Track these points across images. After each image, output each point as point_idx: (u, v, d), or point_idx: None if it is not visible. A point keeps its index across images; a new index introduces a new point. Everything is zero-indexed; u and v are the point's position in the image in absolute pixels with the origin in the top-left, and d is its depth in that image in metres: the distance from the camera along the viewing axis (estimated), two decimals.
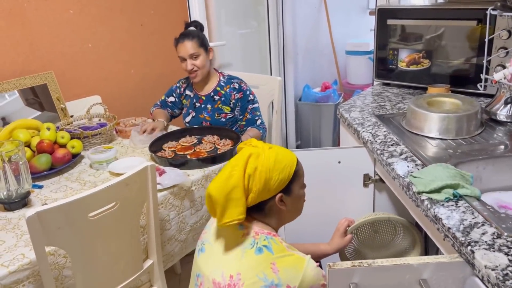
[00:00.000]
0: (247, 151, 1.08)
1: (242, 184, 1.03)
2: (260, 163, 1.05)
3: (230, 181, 1.03)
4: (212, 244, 1.12)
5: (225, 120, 2.11)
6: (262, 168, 1.04)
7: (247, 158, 1.06)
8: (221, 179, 1.05)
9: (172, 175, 1.55)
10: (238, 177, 1.03)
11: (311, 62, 3.64)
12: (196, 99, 2.15)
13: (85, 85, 2.22)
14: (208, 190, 1.05)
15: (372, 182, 1.59)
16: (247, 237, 1.06)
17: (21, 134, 1.69)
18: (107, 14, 2.25)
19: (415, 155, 1.33)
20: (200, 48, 2.01)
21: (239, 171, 1.04)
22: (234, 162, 1.07)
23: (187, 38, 2.00)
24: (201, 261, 1.13)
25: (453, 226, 0.97)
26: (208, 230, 1.18)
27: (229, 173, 1.05)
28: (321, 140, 3.50)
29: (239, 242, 1.06)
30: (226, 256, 1.07)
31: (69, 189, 1.55)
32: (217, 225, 1.06)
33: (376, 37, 2.02)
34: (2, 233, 1.28)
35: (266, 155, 1.06)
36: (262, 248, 1.03)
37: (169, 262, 1.62)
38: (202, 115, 2.13)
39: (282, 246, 1.05)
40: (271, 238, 1.06)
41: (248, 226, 1.09)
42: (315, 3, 3.54)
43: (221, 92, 2.10)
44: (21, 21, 1.94)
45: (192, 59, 2.01)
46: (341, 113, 1.81)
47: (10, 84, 1.87)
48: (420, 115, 1.48)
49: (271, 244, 1.04)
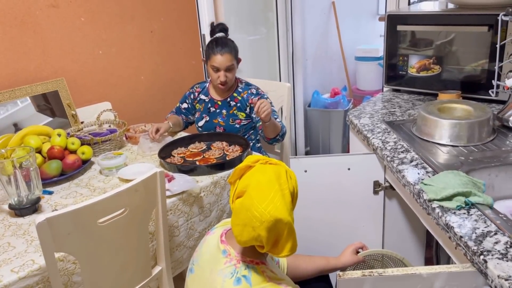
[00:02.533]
0: (281, 168, 0.99)
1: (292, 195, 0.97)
2: (292, 180, 0.99)
3: (289, 205, 0.94)
4: (200, 267, 1.09)
5: (239, 127, 2.09)
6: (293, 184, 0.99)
7: (282, 174, 0.98)
8: (285, 202, 0.92)
9: (181, 181, 1.55)
10: (288, 200, 0.95)
11: (321, 68, 3.64)
12: (212, 103, 2.14)
13: (96, 92, 2.24)
14: (279, 216, 0.89)
15: (382, 189, 1.57)
16: (228, 265, 1.00)
17: (32, 140, 1.71)
18: (117, 21, 2.27)
19: (425, 162, 1.32)
20: (234, 60, 2.03)
21: (287, 191, 0.95)
22: (275, 181, 0.95)
23: (227, 49, 1.98)
24: (190, 282, 1.11)
25: (465, 234, 0.96)
26: (199, 249, 1.14)
27: (282, 196, 0.93)
28: (330, 147, 3.49)
29: (221, 269, 1.01)
30: (209, 283, 1.02)
31: (79, 195, 1.56)
32: (280, 256, 0.95)
33: (386, 43, 2.01)
34: (12, 239, 1.29)
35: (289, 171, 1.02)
36: (240, 279, 0.97)
37: (178, 269, 1.62)
38: (216, 120, 2.12)
39: (263, 276, 0.98)
40: (253, 267, 0.99)
41: (231, 252, 1.02)
42: (324, 9, 3.55)
43: (238, 98, 2.09)
44: (33, 28, 1.97)
45: (227, 71, 2.00)
46: (351, 120, 1.80)
47: (22, 91, 1.90)
48: (431, 121, 1.46)
49: (250, 274, 0.98)
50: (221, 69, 1.99)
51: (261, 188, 0.93)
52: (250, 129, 2.14)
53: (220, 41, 2.02)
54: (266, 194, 0.92)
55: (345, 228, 1.55)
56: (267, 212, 0.89)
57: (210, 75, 2.04)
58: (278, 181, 0.95)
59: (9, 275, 1.12)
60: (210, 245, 1.09)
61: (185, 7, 2.56)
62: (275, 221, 0.89)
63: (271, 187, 0.93)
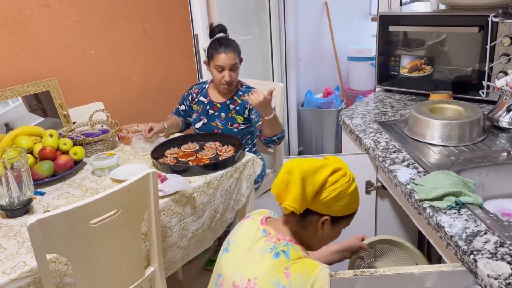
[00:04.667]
0: (337, 163, 1.08)
1: (320, 186, 1.03)
2: (342, 181, 1.04)
3: (315, 176, 1.02)
4: (237, 245, 1.13)
5: (237, 131, 2.07)
6: (340, 186, 1.03)
7: (336, 169, 1.05)
8: (308, 167, 1.03)
9: (174, 182, 1.55)
10: (322, 178, 1.03)
11: (313, 68, 3.65)
12: (210, 106, 2.11)
13: (88, 92, 2.23)
14: (292, 166, 1.03)
15: (374, 189, 1.59)
16: (268, 242, 1.06)
17: (24, 141, 1.69)
18: (110, 21, 2.26)
19: (417, 162, 1.33)
20: (238, 59, 2.02)
21: (325, 173, 1.03)
22: (324, 162, 1.07)
23: (231, 48, 1.97)
24: (224, 261, 1.14)
25: (456, 234, 0.97)
26: (235, 231, 1.18)
27: (317, 168, 1.04)
28: (323, 146, 3.50)
29: (261, 246, 1.06)
30: (247, 259, 1.07)
31: (71, 196, 1.55)
32: (283, 204, 1.04)
33: (378, 43, 2.02)
34: (3, 240, 1.28)
35: (351, 181, 1.06)
36: (279, 253, 1.03)
37: (171, 269, 1.62)
38: (214, 122, 2.09)
39: (300, 253, 1.04)
40: (291, 245, 1.05)
41: (271, 232, 1.09)
42: (317, 9, 3.56)
43: (237, 101, 2.07)
44: (25, 28, 1.95)
45: (231, 70, 1.98)
46: (343, 120, 1.81)
47: (13, 91, 1.88)
48: (422, 121, 1.48)
49: (289, 250, 1.04)
50: (226, 68, 1.97)
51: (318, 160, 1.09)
52: (248, 133, 2.13)
53: (223, 40, 2.00)
54: (312, 162, 1.05)
55: None
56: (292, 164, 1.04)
57: (214, 76, 2.02)
58: (328, 161, 1.07)
59: (0, 276, 1.12)
60: (248, 227, 1.15)
61: (178, 7, 2.56)
62: (288, 169, 1.03)
63: (319, 161, 1.07)
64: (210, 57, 2.01)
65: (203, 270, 2.34)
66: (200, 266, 2.37)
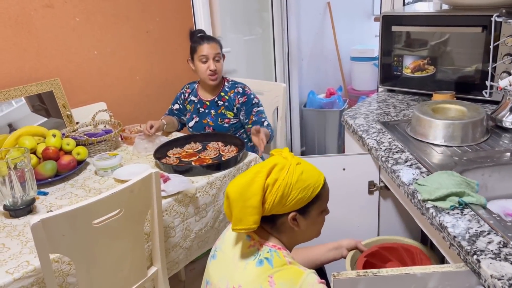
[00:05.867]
0: (274, 160, 1.05)
1: (261, 193, 1.00)
2: (281, 176, 1.02)
3: (251, 188, 1.00)
4: (223, 252, 1.12)
5: (228, 126, 2.11)
6: (282, 181, 1.01)
7: (271, 167, 1.03)
8: (242, 183, 1.02)
9: (176, 182, 1.55)
10: (259, 185, 1.00)
11: (316, 68, 3.64)
12: (200, 104, 2.16)
13: (91, 92, 2.24)
14: (228, 191, 1.03)
15: (377, 189, 1.58)
16: (252, 249, 1.05)
17: (27, 141, 1.70)
18: (112, 21, 2.26)
19: (420, 162, 1.33)
20: (221, 52, 2.08)
21: (261, 178, 1.01)
22: (258, 168, 1.04)
23: (213, 40, 2.05)
24: (211, 268, 1.13)
25: (459, 234, 0.96)
26: (222, 236, 1.17)
27: (250, 179, 1.02)
28: (326, 147, 3.50)
29: (245, 253, 1.05)
30: (233, 266, 1.06)
31: (74, 196, 1.56)
32: (231, 229, 1.04)
33: (381, 43, 2.02)
34: (7, 240, 1.29)
35: (291, 169, 1.03)
36: (263, 260, 1.01)
37: (174, 269, 1.62)
38: (205, 120, 2.14)
39: (284, 260, 1.02)
40: (275, 251, 1.04)
41: (255, 237, 1.07)
42: (319, 9, 3.55)
43: (225, 97, 2.11)
44: (28, 29, 1.96)
45: (215, 61, 2.04)
46: (346, 120, 1.81)
47: (16, 91, 1.89)
48: (425, 122, 1.47)
49: (272, 257, 1.02)
50: (210, 57, 2.03)
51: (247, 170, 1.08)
52: (240, 127, 2.15)
53: (204, 35, 2.08)
54: (243, 177, 1.05)
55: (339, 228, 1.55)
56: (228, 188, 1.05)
57: (199, 69, 2.06)
58: (258, 168, 1.04)
59: (4, 276, 1.12)
60: (232, 232, 1.12)
61: (181, 7, 2.56)
62: (226, 195, 1.05)
63: (248, 171, 1.05)
64: (194, 51, 2.07)
65: None
66: (203, 267, 2.34)
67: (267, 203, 1.02)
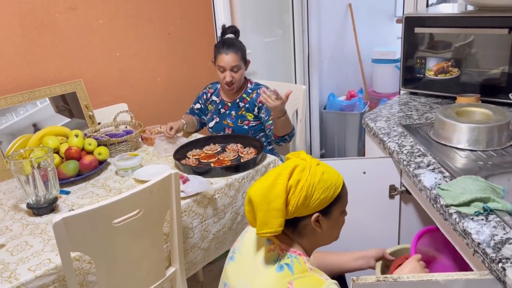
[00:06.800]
0: (294, 162, 1.04)
1: (284, 195, 0.99)
2: (304, 176, 1.01)
3: (273, 190, 0.99)
4: (242, 255, 1.11)
5: (247, 128, 2.10)
6: (305, 182, 1.00)
7: (292, 169, 1.02)
8: (264, 187, 1.00)
9: (195, 183, 1.56)
10: (281, 187, 0.99)
11: (336, 70, 3.62)
12: (222, 105, 2.16)
13: (113, 93, 2.27)
14: (250, 194, 1.01)
15: (398, 194, 1.55)
16: (272, 253, 1.03)
17: (51, 140, 1.73)
18: (134, 23, 2.29)
19: (443, 166, 1.30)
20: (241, 61, 2.02)
21: (283, 180, 1.00)
22: (278, 170, 1.03)
23: (232, 50, 1.99)
24: (230, 270, 1.12)
25: (483, 241, 0.94)
26: (240, 238, 1.17)
27: (272, 182, 1.00)
28: (346, 150, 3.46)
29: (265, 257, 1.04)
30: (252, 270, 1.05)
31: (95, 195, 1.58)
32: (256, 233, 1.02)
33: (403, 45, 1.99)
34: (30, 238, 1.32)
35: (312, 170, 1.02)
36: (283, 266, 1.00)
37: (192, 270, 1.63)
38: (225, 121, 2.14)
39: (305, 266, 1.00)
40: (295, 257, 1.02)
41: (275, 241, 1.06)
42: (341, 10, 3.53)
43: (246, 99, 2.10)
44: (53, 31, 2.00)
45: (233, 71, 2.00)
46: (367, 123, 1.78)
47: (41, 92, 1.93)
48: (449, 125, 1.44)
49: (293, 263, 1.00)
50: (227, 68, 2.00)
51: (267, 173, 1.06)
52: (260, 131, 2.13)
53: (227, 41, 2.03)
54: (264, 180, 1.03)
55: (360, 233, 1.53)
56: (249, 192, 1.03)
57: (218, 75, 2.06)
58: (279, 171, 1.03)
59: (26, 273, 1.14)
60: (253, 234, 1.11)
61: (202, 9, 2.58)
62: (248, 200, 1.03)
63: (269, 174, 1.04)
64: (215, 58, 2.04)
65: None
66: (221, 268, 2.35)
67: (290, 204, 1.00)
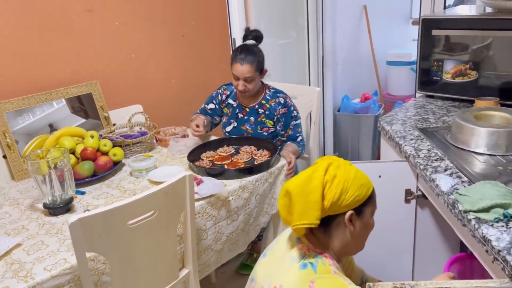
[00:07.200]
0: (328, 160, 1.07)
1: (321, 189, 1.01)
2: (340, 172, 1.03)
3: (310, 184, 1.01)
4: (273, 252, 1.13)
5: (267, 134, 2.08)
6: (341, 178, 1.02)
7: (327, 165, 1.05)
8: (301, 180, 1.03)
9: (209, 185, 1.56)
10: (318, 181, 1.01)
11: (351, 72, 3.59)
12: (240, 109, 2.12)
13: (128, 94, 2.29)
14: (287, 187, 1.03)
15: (414, 198, 1.53)
16: (299, 252, 1.05)
17: (67, 141, 1.75)
18: (150, 25, 2.31)
19: (461, 171, 1.27)
20: (256, 72, 1.97)
21: (319, 175, 1.02)
22: (313, 167, 1.05)
23: (248, 61, 1.93)
24: (259, 266, 1.14)
25: (504, 248, 0.92)
26: (278, 238, 1.18)
27: (309, 176, 1.03)
28: (360, 153, 3.43)
29: (291, 255, 1.05)
30: (278, 266, 1.07)
31: (110, 196, 1.59)
32: (292, 226, 1.03)
33: (420, 47, 1.96)
34: (46, 237, 1.33)
35: (347, 167, 1.05)
36: (307, 264, 1.01)
37: (205, 272, 1.63)
38: (244, 126, 2.11)
39: (329, 268, 1.01)
40: (321, 258, 1.02)
41: (304, 241, 1.07)
42: (355, 12, 3.50)
43: (266, 105, 2.07)
44: (70, 32, 2.02)
45: (246, 81, 1.96)
46: (382, 126, 1.76)
47: (58, 93, 1.95)
48: (467, 129, 1.42)
49: (317, 263, 1.01)
50: (240, 78, 1.96)
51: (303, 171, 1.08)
52: (276, 136, 2.12)
53: (245, 49, 1.97)
54: (300, 175, 1.05)
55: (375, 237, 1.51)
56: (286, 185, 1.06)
57: (232, 81, 2.03)
58: (314, 167, 1.06)
59: (41, 273, 1.16)
60: (287, 234, 1.14)
61: (216, 11, 2.58)
62: (284, 192, 1.05)
63: (305, 171, 1.06)
64: (231, 62, 2.00)
65: (236, 274, 2.34)
66: (233, 270, 2.37)
67: (326, 199, 1.01)
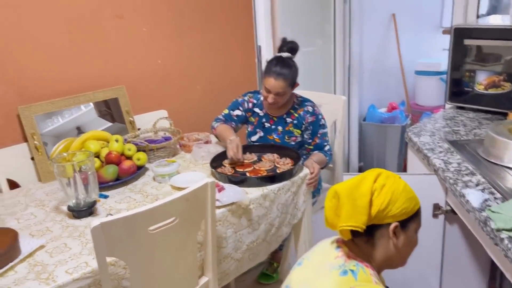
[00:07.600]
0: (378, 170, 1.06)
1: (369, 196, 1.00)
2: (389, 183, 1.03)
3: (359, 189, 1.01)
4: (310, 260, 1.12)
5: (294, 144, 2.05)
6: (389, 187, 1.02)
7: (377, 175, 1.04)
8: (350, 184, 1.03)
9: (231, 192, 1.55)
10: (367, 188, 1.01)
11: (378, 81, 3.53)
12: (266, 119, 2.09)
13: (153, 100, 2.31)
14: (337, 188, 1.04)
15: (443, 213, 1.48)
16: (338, 260, 1.04)
17: (92, 145, 1.77)
18: (177, 32, 2.33)
19: (493, 187, 1.22)
20: (288, 87, 1.93)
21: (369, 182, 1.02)
22: (363, 175, 1.06)
23: (282, 76, 1.88)
24: (294, 274, 1.13)
25: None
26: (313, 248, 1.18)
27: (359, 181, 1.03)
28: (385, 163, 3.37)
29: (330, 263, 1.04)
30: (315, 274, 1.05)
31: (132, 200, 1.60)
32: (339, 227, 1.02)
33: (451, 57, 1.91)
34: (69, 240, 1.34)
35: (397, 179, 1.04)
36: (347, 271, 0.99)
37: (224, 280, 1.61)
38: (271, 136, 2.07)
39: (370, 277, 0.99)
40: (362, 266, 1.01)
41: (344, 249, 1.06)
42: (384, 21, 3.45)
43: (294, 114, 2.04)
44: (99, 38, 2.06)
45: (277, 95, 1.93)
46: (410, 137, 1.72)
47: (85, 97, 1.99)
48: (500, 143, 1.36)
49: (358, 270, 0.99)
50: (272, 92, 1.92)
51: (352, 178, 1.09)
52: (303, 145, 2.09)
53: (281, 62, 1.92)
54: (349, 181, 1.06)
55: None
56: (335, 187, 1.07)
57: (262, 91, 1.99)
58: (364, 175, 1.06)
59: (63, 276, 1.16)
60: (323, 243, 1.14)
61: (243, 19, 2.59)
62: (333, 193, 1.05)
63: (354, 178, 1.07)
64: (264, 74, 1.96)
65: (255, 283, 2.31)
66: (253, 279, 2.34)
67: (373, 207, 1.01)
